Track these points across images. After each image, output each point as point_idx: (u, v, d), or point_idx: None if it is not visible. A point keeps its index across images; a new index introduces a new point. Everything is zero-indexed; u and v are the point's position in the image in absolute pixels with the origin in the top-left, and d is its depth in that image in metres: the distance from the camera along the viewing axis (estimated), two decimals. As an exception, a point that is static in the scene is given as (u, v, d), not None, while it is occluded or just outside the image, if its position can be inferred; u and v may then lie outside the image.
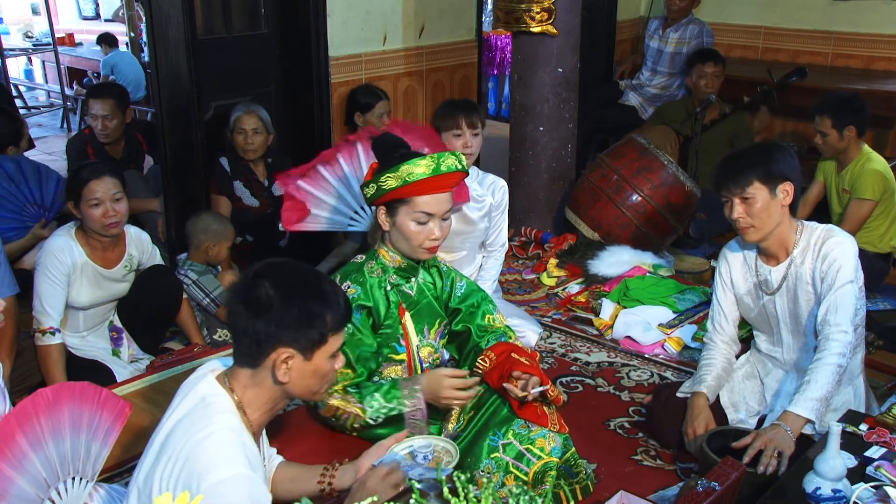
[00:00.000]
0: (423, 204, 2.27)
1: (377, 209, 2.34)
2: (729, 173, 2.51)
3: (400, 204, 2.28)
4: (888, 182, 3.70)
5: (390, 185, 2.23)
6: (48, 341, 2.98)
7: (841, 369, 2.41)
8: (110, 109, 4.04)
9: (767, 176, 2.47)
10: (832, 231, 2.55)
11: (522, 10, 4.17)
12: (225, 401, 1.67)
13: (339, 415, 2.26)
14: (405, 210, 2.28)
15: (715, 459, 2.20)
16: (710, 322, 2.82)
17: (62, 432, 1.80)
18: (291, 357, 1.66)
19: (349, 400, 2.26)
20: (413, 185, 2.22)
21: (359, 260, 2.40)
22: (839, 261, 2.47)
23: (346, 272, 2.37)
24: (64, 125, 8.31)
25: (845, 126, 3.64)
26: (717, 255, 2.89)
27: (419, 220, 2.28)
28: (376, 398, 2.26)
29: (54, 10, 9.06)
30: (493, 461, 2.25)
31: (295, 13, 4.47)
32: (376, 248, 2.40)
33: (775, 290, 2.62)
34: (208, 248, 3.68)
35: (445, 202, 2.31)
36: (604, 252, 4.09)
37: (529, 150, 4.45)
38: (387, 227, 2.34)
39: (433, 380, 2.30)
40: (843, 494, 1.94)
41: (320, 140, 4.63)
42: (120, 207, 3.00)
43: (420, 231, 2.29)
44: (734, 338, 2.79)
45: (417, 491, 1.55)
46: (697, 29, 5.35)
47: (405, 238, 2.31)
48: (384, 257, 2.38)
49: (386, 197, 2.27)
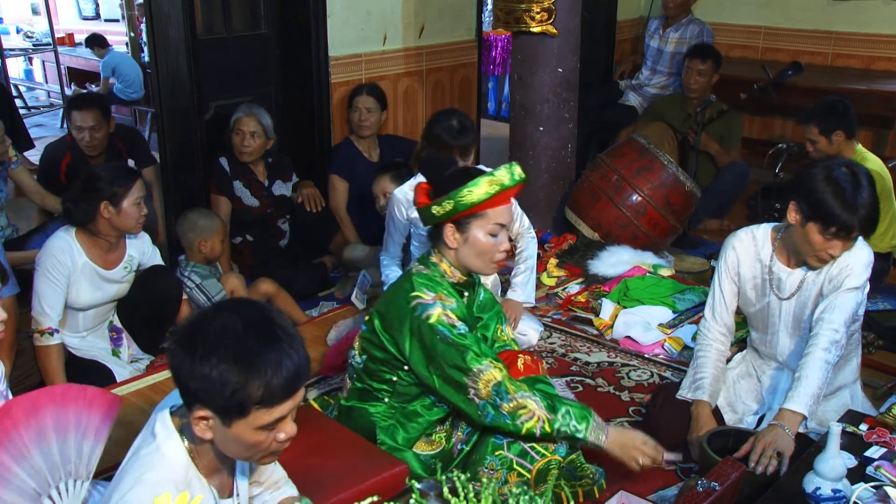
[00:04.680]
0: (496, 216, 2.29)
1: (444, 228, 2.32)
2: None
3: (472, 219, 2.29)
4: (885, 181, 3.70)
5: (472, 200, 2.23)
6: (47, 342, 2.98)
7: (829, 365, 2.40)
8: (96, 120, 3.90)
9: None
10: None
11: (522, 10, 4.16)
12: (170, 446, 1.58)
13: (520, 413, 2.20)
14: (478, 224, 2.29)
15: (715, 459, 2.20)
16: (707, 310, 2.77)
17: (47, 439, 1.77)
18: (208, 418, 1.52)
19: (537, 403, 2.22)
20: (492, 197, 2.24)
21: (428, 272, 2.36)
22: (851, 266, 2.48)
23: (429, 285, 2.32)
24: (64, 125, 8.31)
25: (833, 131, 3.65)
26: (717, 256, 2.88)
27: (493, 233, 2.30)
28: (570, 415, 2.22)
29: (54, 10, 9.05)
30: (497, 458, 2.27)
31: (295, 13, 4.47)
32: (437, 261, 2.38)
33: (788, 296, 2.60)
34: (200, 245, 3.69)
35: (512, 212, 2.35)
36: (604, 252, 4.09)
37: (529, 150, 4.45)
38: (455, 245, 2.33)
39: (628, 436, 2.31)
40: (843, 494, 1.94)
41: (320, 140, 4.64)
42: (145, 208, 3.15)
43: (494, 244, 2.31)
44: (731, 328, 2.77)
45: (417, 491, 1.55)
46: (698, 29, 5.35)
47: (478, 253, 2.32)
48: (447, 272, 2.37)
49: (462, 213, 2.27)
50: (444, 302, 2.28)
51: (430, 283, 2.32)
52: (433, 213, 2.29)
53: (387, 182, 3.89)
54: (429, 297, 2.28)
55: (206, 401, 1.49)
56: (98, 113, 3.91)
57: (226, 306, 1.57)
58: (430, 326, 2.25)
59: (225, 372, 1.46)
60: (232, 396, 1.46)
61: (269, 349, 1.48)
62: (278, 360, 1.48)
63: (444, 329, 2.24)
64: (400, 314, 2.31)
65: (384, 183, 3.89)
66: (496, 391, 2.20)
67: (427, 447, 2.42)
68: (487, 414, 2.22)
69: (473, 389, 2.22)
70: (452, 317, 2.27)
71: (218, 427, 1.52)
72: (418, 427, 2.43)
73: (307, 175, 4.43)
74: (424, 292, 2.29)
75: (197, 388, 1.48)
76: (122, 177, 3.04)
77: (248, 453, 1.58)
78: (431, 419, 2.43)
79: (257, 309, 1.55)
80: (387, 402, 2.42)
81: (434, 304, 2.27)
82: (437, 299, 2.28)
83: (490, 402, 2.21)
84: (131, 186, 3.03)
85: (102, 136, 3.95)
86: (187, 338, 1.50)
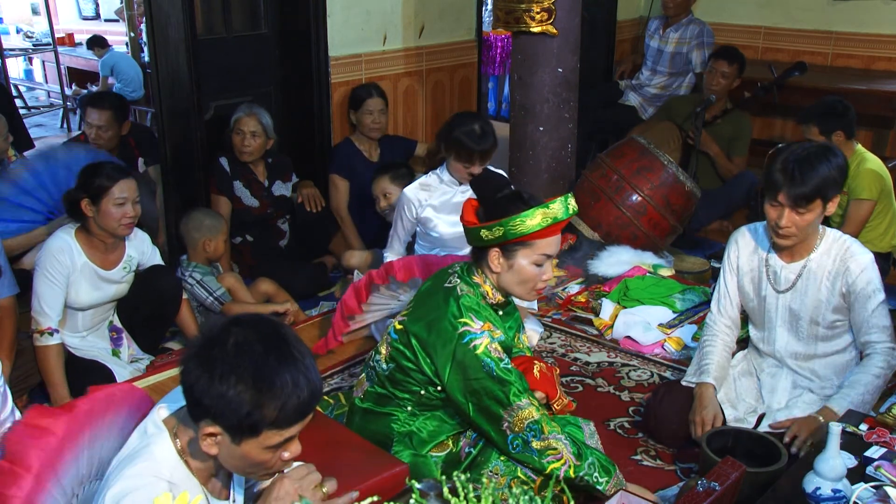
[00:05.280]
0: (544, 247, 2.26)
1: (489, 251, 2.29)
2: (793, 184, 2.40)
3: (519, 247, 2.26)
4: (884, 180, 3.71)
5: (523, 231, 2.19)
6: (47, 342, 2.98)
7: (878, 379, 2.52)
8: (107, 120, 3.94)
9: (828, 192, 2.44)
10: (852, 243, 2.60)
11: (522, 10, 4.16)
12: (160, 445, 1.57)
13: (548, 453, 2.21)
14: (525, 253, 2.26)
15: (715, 459, 2.20)
16: (714, 304, 2.84)
17: (101, 437, 1.75)
18: (217, 434, 1.50)
19: (567, 448, 2.22)
20: (543, 229, 2.21)
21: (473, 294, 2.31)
22: (866, 273, 2.54)
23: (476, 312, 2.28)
24: (64, 125, 8.31)
25: (832, 132, 3.65)
26: (717, 256, 2.90)
27: (538, 263, 2.28)
28: (594, 466, 2.24)
29: (54, 10, 9.05)
30: (502, 463, 2.28)
31: (295, 13, 4.47)
32: (479, 283, 2.34)
33: (785, 289, 2.65)
34: (205, 244, 3.69)
35: (559, 243, 2.32)
36: (604, 252, 4.09)
37: (529, 150, 4.45)
38: (499, 270, 2.31)
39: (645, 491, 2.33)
40: (843, 494, 1.94)
41: (320, 140, 4.64)
42: (137, 209, 3.07)
43: (538, 273, 2.29)
44: (737, 322, 2.83)
45: (417, 491, 1.54)
46: (698, 29, 5.35)
47: (521, 280, 2.30)
48: (488, 293, 2.35)
49: (511, 241, 2.24)
50: (492, 333, 2.26)
51: (477, 308, 2.28)
52: (481, 236, 2.26)
53: (386, 183, 3.89)
54: (476, 326, 2.24)
55: (219, 418, 1.47)
56: (111, 113, 3.95)
57: (241, 321, 1.53)
58: (477, 357, 2.22)
59: (242, 392, 1.44)
60: (247, 417, 1.45)
61: (286, 371, 1.47)
62: (295, 382, 1.47)
63: (491, 362, 2.22)
64: (444, 338, 2.25)
65: (383, 184, 3.89)
66: (530, 428, 2.21)
67: (434, 449, 2.41)
68: (517, 446, 2.23)
69: (508, 423, 2.22)
70: (499, 349, 2.25)
71: (225, 444, 1.51)
72: (436, 436, 2.40)
73: (307, 175, 4.42)
74: (472, 320, 2.24)
75: (211, 405, 1.46)
76: (103, 175, 3.00)
77: (251, 470, 1.58)
78: (450, 431, 2.41)
79: (272, 326, 1.53)
80: (409, 410, 2.39)
81: (482, 335, 2.23)
82: (485, 329, 2.25)
83: (522, 437, 2.22)
84: (111, 186, 2.97)
85: (112, 135, 3.98)
86: (204, 353, 1.47)
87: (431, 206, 3.42)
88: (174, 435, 1.59)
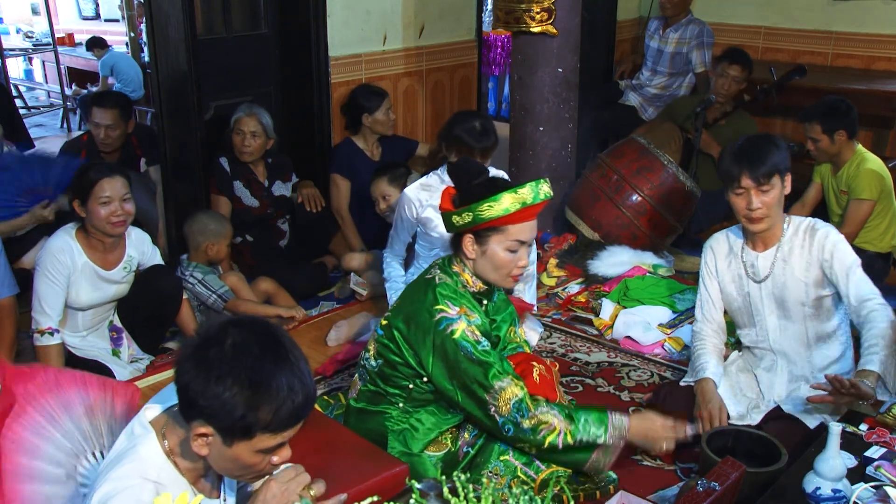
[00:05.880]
0: (516, 232, 2.27)
1: (462, 238, 2.31)
2: (751, 166, 2.56)
3: (492, 233, 2.27)
4: (884, 180, 3.71)
5: (491, 215, 2.20)
6: (47, 342, 2.99)
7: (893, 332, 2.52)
8: (113, 119, 3.96)
9: (782, 168, 2.59)
10: (815, 221, 2.70)
11: (522, 10, 4.16)
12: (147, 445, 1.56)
13: (540, 427, 2.21)
14: (497, 239, 2.27)
15: (715, 459, 2.20)
16: (698, 311, 2.89)
17: (75, 410, 1.77)
18: (209, 435, 1.50)
19: (556, 416, 2.22)
20: (513, 213, 2.21)
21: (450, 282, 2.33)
22: (839, 246, 2.61)
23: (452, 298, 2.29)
24: (64, 125, 8.31)
25: (835, 131, 3.66)
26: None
27: (511, 249, 2.28)
28: (588, 422, 2.24)
29: (54, 10, 9.06)
30: (502, 463, 2.28)
31: (295, 13, 4.47)
32: (458, 271, 2.36)
33: (764, 277, 2.72)
34: (208, 248, 3.69)
35: (534, 229, 2.32)
36: (604, 252, 4.09)
37: (529, 150, 4.45)
38: (473, 256, 2.32)
39: (647, 424, 2.33)
40: (843, 494, 1.95)
41: (320, 140, 4.64)
42: (128, 207, 3.04)
43: (511, 259, 2.29)
44: (722, 326, 2.88)
45: (417, 491, 1.54)
46: (698, 29, 5.34)
47: (495, 267, 2.30)
48: (468, 282, 2.36)
49: (481, 226, 2.25)
50: (468, 317, 2.27)
51: (453, 295, 2.29)
52: (453, 221, 2.28)
53: (384, 184, 3.88)
54: (452, 311, 2.26)
55: (212, 419, 1.47)
56: (116, 112, 3.97)
57: (238, 322, 1.53)
58: (454, 341, 2.24)
59: (238, 394, 1.44)
60: (241, 419, 1.45)
61: (282, 375, 1.47)
62: (290, 386, 1.47)
63: (468, 344, 2.23)
64: (423, 327, 2.28)
65: (382, 186, 3.89)
66: (516, 408, 2.20)
67: (432, 448, 2.41)
68: (508, 430, 2.23)
69: (494, 406, 2.22)
70: (476, 332, 2.26)
71: (216, 445, 1.50)
72: (432, 432, 2.41)
73: (307, 175, 4.42)
74: (448, 306, 2.26)
75: (205, 405, 1.45)
76: (88, 175, 2.99)
77: (240, 472, 1.57)
78: (446, 426, 2.42)
79: (268, 329, 1.53)
80: (401, 406, 2.40)
81: (458, 319, 2.25)
82: (461, 313, 2.26)
83: (510, 419, 2.21)
84: (93, 186, 2.97)
85: (118, 135, 3.99)
86: (201, 354, 1.47)
87: (432, 207, 3.41)
88: (162, 435, 1.59)
